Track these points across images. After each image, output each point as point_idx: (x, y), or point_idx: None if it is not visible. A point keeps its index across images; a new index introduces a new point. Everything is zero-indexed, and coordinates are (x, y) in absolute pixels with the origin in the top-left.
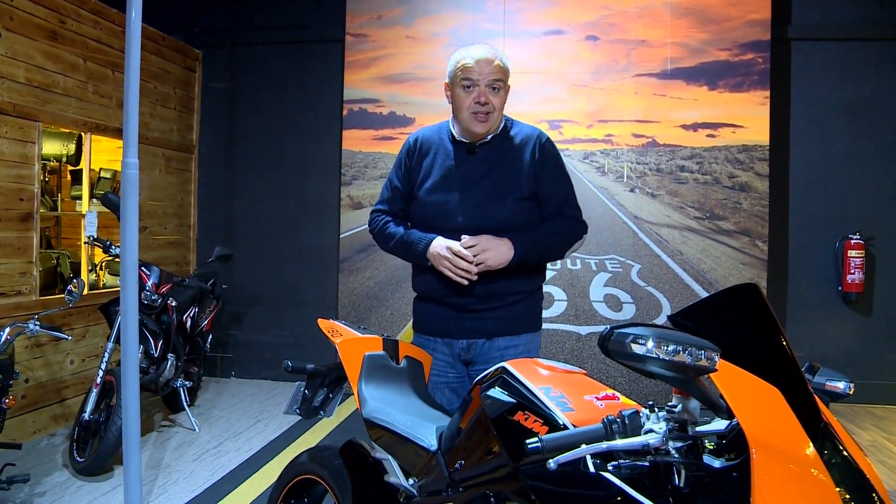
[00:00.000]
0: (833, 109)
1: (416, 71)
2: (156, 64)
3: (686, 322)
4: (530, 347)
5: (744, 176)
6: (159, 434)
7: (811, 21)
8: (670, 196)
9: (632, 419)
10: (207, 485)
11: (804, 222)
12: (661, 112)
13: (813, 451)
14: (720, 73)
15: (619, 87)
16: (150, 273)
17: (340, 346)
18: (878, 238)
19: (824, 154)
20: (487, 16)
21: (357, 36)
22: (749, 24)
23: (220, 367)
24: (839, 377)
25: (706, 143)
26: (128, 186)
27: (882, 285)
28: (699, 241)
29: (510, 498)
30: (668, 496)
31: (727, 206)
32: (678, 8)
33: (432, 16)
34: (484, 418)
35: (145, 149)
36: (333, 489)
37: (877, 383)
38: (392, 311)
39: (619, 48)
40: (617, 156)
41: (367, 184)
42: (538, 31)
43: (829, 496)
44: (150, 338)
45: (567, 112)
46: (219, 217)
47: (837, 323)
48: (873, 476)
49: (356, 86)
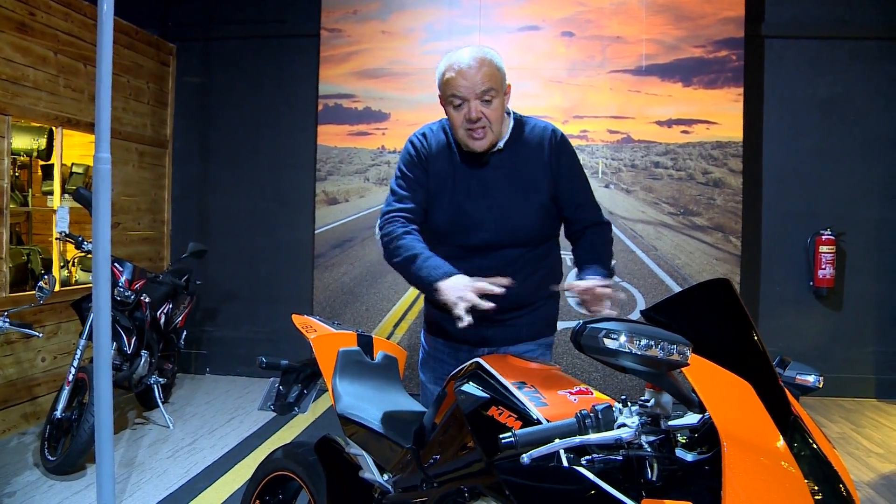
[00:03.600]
0: (805, 107)
1: (391, 66)
2: (129, 58)
3: (659, 317)
4: (545, 351)
5: (717, 172)
6: (133, 432)
7: (784, 19)
8: (645, 192)
9: (605, 414)
10: (182, 482)
11: (777, 218)
12: (636, 108)
13: (783, 444)
14: (694, 70)
15: (594, 84)
16: (123, 269)
17: (315, 341)
18: (849, 234)
19: (796, 151)
20: (463, 11)
21: (332, 31)
22: (723, 21)
23: (195, 364)
24: (809, 371)
25: (680, 139)
26: (100, 182)
27: (852, 281)
28: (673, 236)
29: (484, 493)
30: (640, 490)
31: (701, 202)
32: (653, 5)
33: (408, 11)
34: (458, 413)
35: (118, 144)
36: (308, 485)
37: (846, 377)
38: (367, 307)
39: (595, 44)
40: (592, 152)
41: (342, 179)
42: (514, 26)
43: (799, 488)
44: (124, 334)
45: (542, 108)
46: (193, 212)
47: (809, 317)
48: (840, 467)
49: (331, 81)
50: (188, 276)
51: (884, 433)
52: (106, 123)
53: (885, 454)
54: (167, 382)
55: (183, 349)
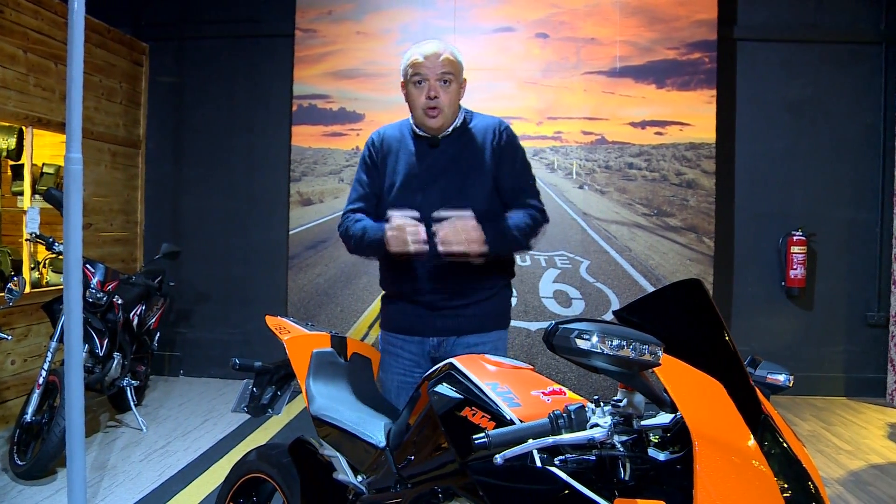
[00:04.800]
0: (777, 109)
1: (366, 67)
2: (100, 57)
3: (631, 317)
4: (498, 345)
5: (691, 173)
6: (105, 435)
7: (756, 22)
8: (619, 193)
9: (577, 414)
10: (155, 485)
11: (749, 219)
12: (610, 109)
13: (754, 443)
14: (668, 72)
15: (568, 85)
16: (95, 270)
17: (288, 343)
18: (820, 234)
19: (768, 152)
20: (438, 12)
21: (307, 31)
22: (696, 23)
23: (168, 366)
24: (779, 370)
25: (654, 140)
26: (71, 182)
27: (822, 280)
28: (647, 237)
29: (458, 494)
30: (613, 489)
31: (674, 203)
32: (627, 7)
33: (383, 12)
34: (432, 414)
35: (90, 144)
36: (282, 487)
37: (817, 375)
38: (342, 308)
39: (569, 46)
40: (566, 153)
41: (316, 180)
42: (489, 27)
43: (769, 486)
44: (96, 336)
45: (517, 109)
46: (166, 213)
47: (780, 317)
48: (810, 465)
49: (306, 81)
50: (161, 277)
51: (853, 431)
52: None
53: (853, 451)
54: (140, 385)
55: (156, 351)
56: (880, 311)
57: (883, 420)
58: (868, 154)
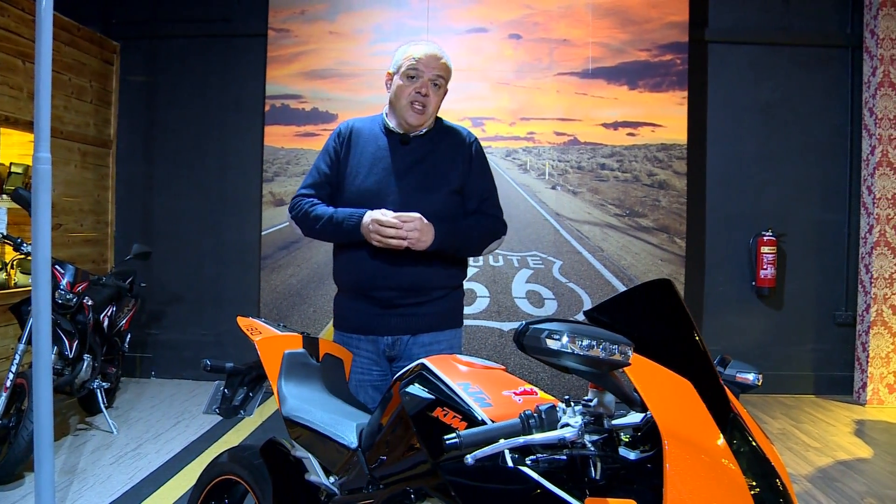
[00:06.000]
0: (747, 110)
1: (339, 67)
2: (70, 55)
3: (601, 317)
4: (453, 343)
5: (662, 174)
6: (75, 438)
7: (727, 25)
8: (591, 193)
9: (548, 413)
10: (126, 488)
11: (720, 220)
12: (583, 110)
13: (723, 442)
14: (640, 73)
15: (541, 86)
16: (64, 271)
17: (260, 344)
18: (789, 235)
19: (739, 153)
20: (411, 12)
21: (280, 31)
22: (668, 25)
23: (140, 368)
24: (749, 369)
25: (626, 141)
26: (39, 182)
27: (792, 280)
28: (619, 237)
29: (430, 494)
30: (584, 489)
31: (646, 204)
32: (599, 9)
33: (356, 12)
34: (403, 415)
35: (59, 143)
36: (254, 489)
37: (786, 374)
38: (315, 309)
39: (542, 47)
40: (539, 153)
41: (289, 180)
42: (461, 28)
43: (737, 484)
44: (65, 338)
45: (490, 110)
46: (137, 214)
47: (751, 316)
48: (778, 463)
49: (278, 81)
50: (132, 278)
51: (821, 428)
52: (46, 122)
53: (821, 448)
54: (111, 387)
55: (127, 352)
56: (848, 311)
57: (850, 417)
58: (836, 156)
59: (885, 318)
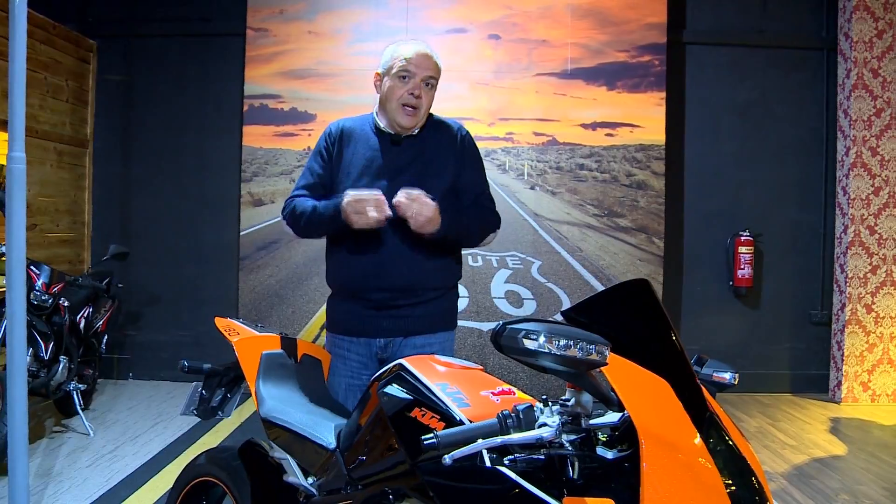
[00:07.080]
0: (725, 111)
1: (318, 67)
2: (45, 53)
3: (579, 317)
4: (445, 346)
5: (641, 174)
6: (50, 440)
7: (704, 27)
8: (570, 194)
9: (526, 413)
10: (102, 491)
11: (698, 220)
12: (562, 111)
13: (699, 441)
14: (618, 74)
15: (520, 86)
16: (40, 272)
17: (237, 344)
18: (766, 235)
19: (716, 154)
20: (391, 12)
21: (258, 30)
22: (646, 27)
23: (117, 369)
24: (725, 368)
25: (605, 141)
26: (14, 182)
27: (769, 280)
28: (598, 237)
29: (409, 494)
30: (562, 488)
31: (625, 204)
32: (578, 9)
33: (335, 11)
34: (381, 415)
35: (35, 142)
36: (232, 491)
37: (763, 373)
38: (294, 310)
39: (521, 47)
40: (518, 154)
41: (267, 180)
42: (441, 28)
43: (714, 482)
44: (41, 340)
45: (469, 110)
46: (114, 214)
47: (728, 316)
48: (754, 461)
49: (257, 81)
50: (109, 278)
51: (797, 426)
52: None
53: (797, 446)
54: (87, 388)
55: (104, 354)
56: (823, 310)
57: (825, 415)
58: (811, 156)
59: (859, 318)
